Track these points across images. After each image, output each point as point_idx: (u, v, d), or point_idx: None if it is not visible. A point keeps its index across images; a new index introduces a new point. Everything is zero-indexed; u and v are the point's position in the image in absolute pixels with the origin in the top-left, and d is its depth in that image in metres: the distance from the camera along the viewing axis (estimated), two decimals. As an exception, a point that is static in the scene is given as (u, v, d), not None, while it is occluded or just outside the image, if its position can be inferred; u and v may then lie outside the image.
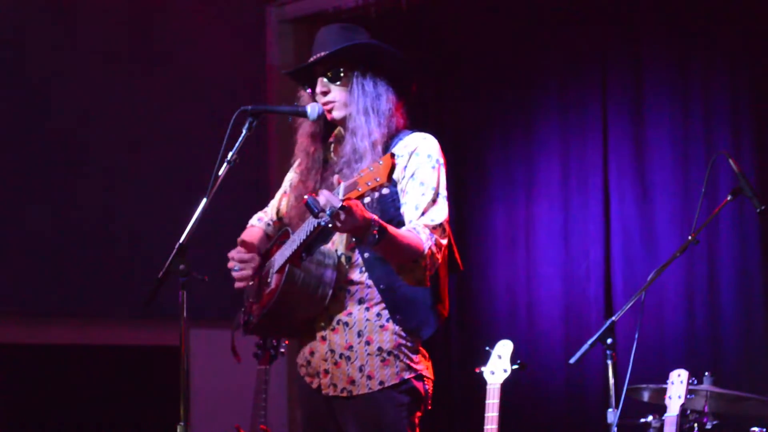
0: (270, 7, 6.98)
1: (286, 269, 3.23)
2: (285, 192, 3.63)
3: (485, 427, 4.24)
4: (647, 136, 5.69)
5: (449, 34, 6.46)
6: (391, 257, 3.20)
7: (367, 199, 2.97)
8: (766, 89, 5.38)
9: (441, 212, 3.29)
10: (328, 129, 3.50)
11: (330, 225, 2.97)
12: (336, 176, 3.06)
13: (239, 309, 3.55)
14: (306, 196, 2.96)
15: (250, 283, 3.45)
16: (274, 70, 6.82)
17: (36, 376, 5.92)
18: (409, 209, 3.29)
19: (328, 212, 2.93)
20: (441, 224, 3.28)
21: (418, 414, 3.36)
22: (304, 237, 3.17)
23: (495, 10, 6.24)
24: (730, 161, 4.11)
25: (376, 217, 3.06)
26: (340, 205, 2.92)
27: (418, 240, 3.20)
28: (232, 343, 3.72)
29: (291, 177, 3.60)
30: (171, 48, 6.39)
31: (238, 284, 3.43)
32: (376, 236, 3.04)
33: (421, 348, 3.38)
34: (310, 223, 3.14)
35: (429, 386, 3.38)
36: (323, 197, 2.94)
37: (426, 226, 3.24)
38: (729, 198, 4.06)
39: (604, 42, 5.89)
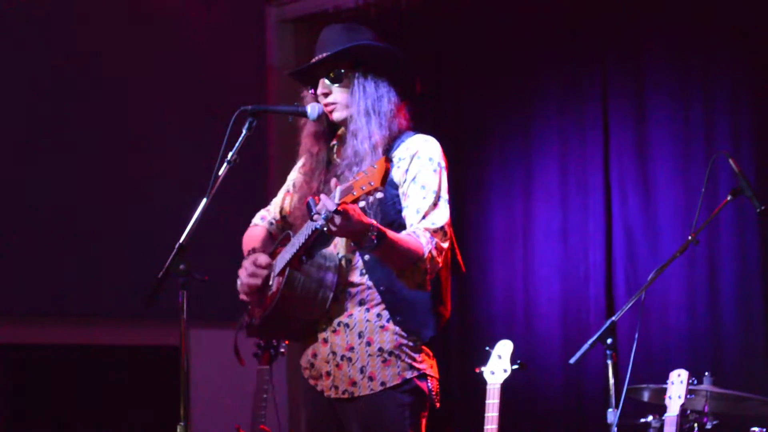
0: (270, 7, 6.99)
1: (287, 273, 3.23)
2: (288, 191, 3.63)
3: (485, 427, 4.24)
4: (648, 135, 5.69)
5: (449, 34, 6.46)
6: (391, 261, 3.20)
7: (362, 203, 2.95)
8: (766, 89, 5.38)
9: (442, 216, 3.29)
10: (331, 129, 3.50)
11: (325, 229, 2.97)
12: (334, 180, 3.06)
13: (243, 311, 3.55)
14: (308, 198, 2.97)
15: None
16: (274, 70, 6.82)
17: (36, 376, 5.92)
18: (410, 213, 3.29)
19: (323, 216, 2.93)
20: (442, 227, 3.27)
21: (423, 413, 3.35)
22: (303, 240, 3.17)
23: (495, 10, 6.24)
24: (730, 161, 4.10)
25: (374, 222, 3.06)
26: (334, 208, 2.92)
27: (417, 244, 3.19)
28: (235, 346, 3.72)
29: (294, 177, 3.59)
30: (171, 48, 6.39)
31: (242, 296, 3.43)
32: (375, 241, 3.04)
33: (424, 347, 3.38)
34: (308, 227, 3.14)
35: (433, 385, 3.37)
36: (320, 201, 2.94)
37: (426, 229, 3.24)
38: (729, 198, 4.06)
39: (605, 41, 5.88)
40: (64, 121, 5.98)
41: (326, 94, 3.37)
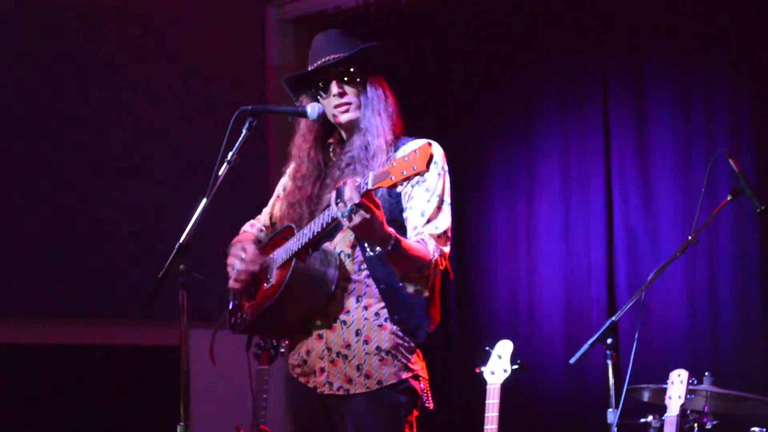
0: (270, 7, 6.99)
1: (293, 264, 3.23)
2: (278, 196, 3.63)
3: (485, 427, 4.24)
4: (649, 135, 5.70)
5: (449, 34, 6.46)
6: (399, 267, 3.20)
7: (400, 188, 2.95)
8: (766, 89, 5.38)
9: (445, 220, 3.30)
10: (326, 131, 3.50)
11: (345, 219, 2.96)
12: (359, 167, 3.06)
13: (224, 310, 3.54)
14: (340, 183, 2.95)
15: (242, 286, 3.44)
16: (274, 70, 6.82)
17: (36, 376, 5.92)
18: (414, 215, 3.29)
19: (348, 207, 2.92)
20: (445, 232, 3.29)
21: (415, 413, 3.36)
22: (318, 230, 3.17)
23: (495, 10, 6.24)
24: (730, 161, 4.10)
25: (393, 230, 3.06)
26: (359, 200, 2.91)
27: (426, 251, 3.20)
28: (210, 344, 3.70)
29: (285, 182, 3.60)
30: (171, 48, 6.40)
31: (233, 284, 3.43)
32: (390, 249, 3.05)
33: (417, 349, 3.39)
34: (327, 215, 3.14)
35: (425, 386, 3.39)
36: (348, 190, 2.94)
37: (431, 235, 3.25)
38: (729, 198, 4.06)
39: (605, 42, 5.89)
40: (64, 122, 5.98)
41: (341, 95, 3.37)
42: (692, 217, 4.16)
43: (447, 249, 3.29)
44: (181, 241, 3.11)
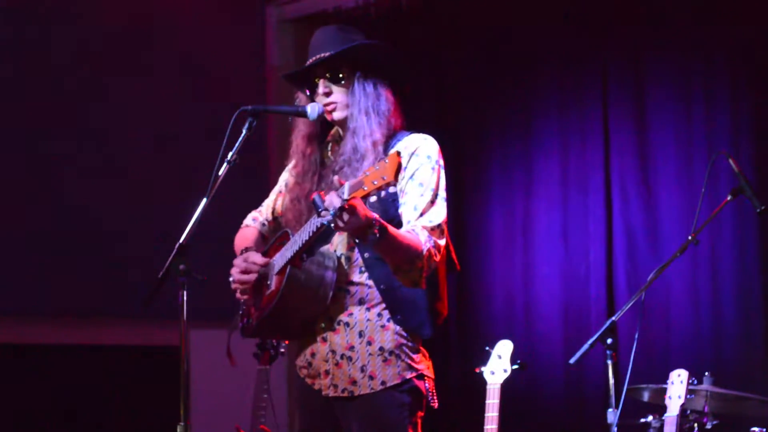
0: (270, 7, 6.99)
1: (287, 271, 3.23)
2: (280, 191, 3.63)
3: (485, 427, 4.25)
4: (648, 134, 5.69)
5: (449, 34, 6.46)
6: (390, 257, 3.20)
7: (373, 198, 2.98)
8: (766, 89, 5.38)
9: (439, 213, 3.29)
10: (324, 129, 3.51)
11: (332, 224, 2.97)
12: (336, 177, 3.06)
13: (236, 312, 3.55)
14: (314, 194, 2.96)
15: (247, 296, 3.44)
16: (274, 70, 6.82)
17: (35, 376, 5.92)
18: (407, 209, 3.29)
19: (331, 211, 2.93)
20: (439, 225, 3.28)
21: (420, 413, 3.36)
22: (306, 238, 3.17)
23: (495, 10, 6.24)
24: (730, 161, 4.11)
25: (377, 216, 3.06)
26: (341, 204, 2.92)
27: (417, 241, 3.20)
28: (227, 346, 3.71)
29: (286, 177, 3.60)
30: (171, 48, 6.39)
31: (238, 295, 3.44)
32: (377, 235, 3.04)
33: (421, 348, 3.39)
34: (312, 224, 3.15)
35: (430, 385, 3.38)
36: (327, 197, 2.94)
37: (424, 227, 3.24)
38: (729, 198, 4.06)
39: (605, 41, 5.88)
40: (64, 122, 5.98)
41: (327, 94, 3.38)
42: (692, 217, 4.16)
43: (442, 242, 3.29)
44: (181, 241, 3.11)
